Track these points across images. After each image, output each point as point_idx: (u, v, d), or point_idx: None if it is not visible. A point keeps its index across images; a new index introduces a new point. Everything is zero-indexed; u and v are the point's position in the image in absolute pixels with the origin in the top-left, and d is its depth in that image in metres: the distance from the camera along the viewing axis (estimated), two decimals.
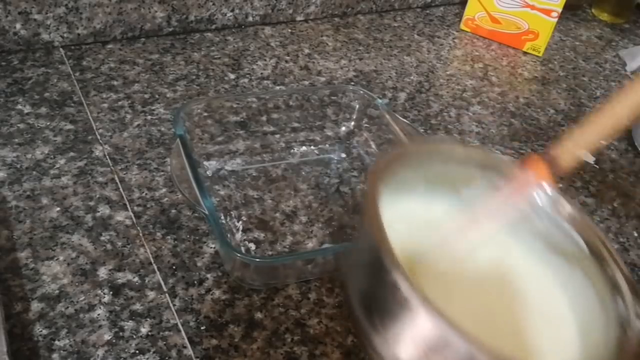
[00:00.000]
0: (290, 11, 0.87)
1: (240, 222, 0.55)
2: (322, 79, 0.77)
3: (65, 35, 0.74)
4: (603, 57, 0.94)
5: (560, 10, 0.86)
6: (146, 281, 0.49)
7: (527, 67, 0.88)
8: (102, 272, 0.49)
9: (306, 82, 0.75)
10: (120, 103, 0.67)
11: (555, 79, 0.86)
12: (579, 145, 0.37)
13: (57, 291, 0.47)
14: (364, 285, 0.32)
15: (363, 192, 0.33)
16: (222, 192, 0.58)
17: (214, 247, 0.53)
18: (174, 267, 0.51)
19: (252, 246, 0.53)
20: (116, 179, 0.58)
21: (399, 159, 0.36)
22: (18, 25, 0.70)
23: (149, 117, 0.66)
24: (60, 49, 0.74)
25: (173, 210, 0.55)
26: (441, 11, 0.99)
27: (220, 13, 0.82)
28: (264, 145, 0.63)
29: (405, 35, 0.91)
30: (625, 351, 0.27)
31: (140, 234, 0.53)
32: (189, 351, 0.45)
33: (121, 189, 0.57)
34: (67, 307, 0.46)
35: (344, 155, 0.64)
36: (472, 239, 0.34)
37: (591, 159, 0.71)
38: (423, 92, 0.78)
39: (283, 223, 0.56)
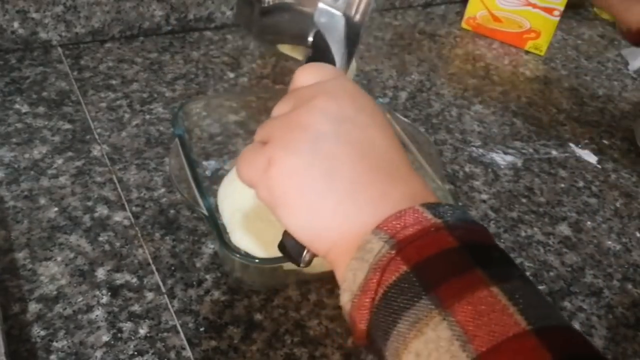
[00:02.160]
0: None
1: None
2: None
3: (63, 34, 0.73)
4: (605, 56, 0.94)
5: (562, 8, 0.86)
6: (145, 282, 0.49)
7: (528, 66, 0.88)
8: (100, 273, 0.49)
9: None
10: (118, 102, 0.67)
11: (557, 78, 0.86)
12: None
13: (55, 292, 0.47)
14: None
15: None
16: None
17: (213, 248, 0.52)
18: (172, 268, 0.50)
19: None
20: (114, 179, 0.57)
21: None
22: (16, 24, 0.70)
23: (147, 117, 0.65)
24: (58, 48, 0.74)
25: (172, 211, 0.55)
26: (442, 10, 0.98)
27: (219, 11, 0.81)
28: None
29: (406, 33, 0.90)
30: None
31: (139, 235, 0.52)
32: (187, 352, 0.44)
33: (119, 189, 0.56)
34: (65, 308, 0.46)
35: None
36: None
37: (594, 159, 0.71)
38: (424, 91, 0.78)
39: None
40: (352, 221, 0.28)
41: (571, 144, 0.73)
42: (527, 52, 0.90)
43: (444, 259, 0.25)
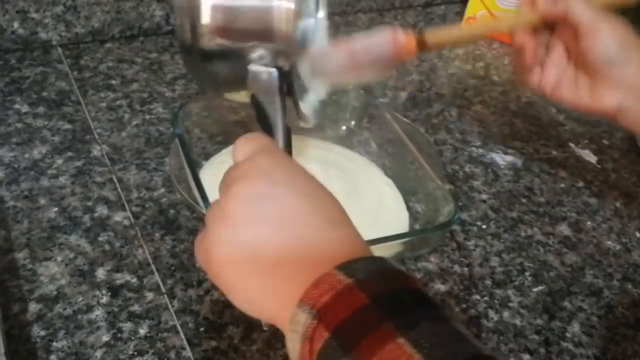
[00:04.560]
0: None
1: None
2: None
3: (63, 34, 0.73)
4: None
5: None
6: (145, 282, 0.49)
7: None
8: (100, 273, 0.49)
9: None
10: (118, 102, 0.67)
11: None
12: (444, 34, 0.48)
13: (55, 292, 0.47)
14: None
15: None
16: None
17: None
18: (172, 268, 0.50)
19: None
20: (114, 179, 0.57)
21: None
22: (16, 24, 0.70)
23: (147, 117, 0.65)
24: (58, 48, 0.74)
25: (172, 211, 0.55)
26: (442, 10, 0.98)
27: None
28: None
29: None
30: None
31: (139, 235, 0.52)
32: (187, 353, 0.44)
33: (119, 189, 0.56)
34: (65, 308, 0.46)
35: None
36: None
37: (593, 159, 0.71)
38: (424, 92, 0.78)
39: None
40: (280, 297, 0.30)
41: (571, 144, 0.73)
42: None
43: (357, 319, 0.27)
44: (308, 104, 0.48)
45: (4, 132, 0.60)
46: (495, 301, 0.53)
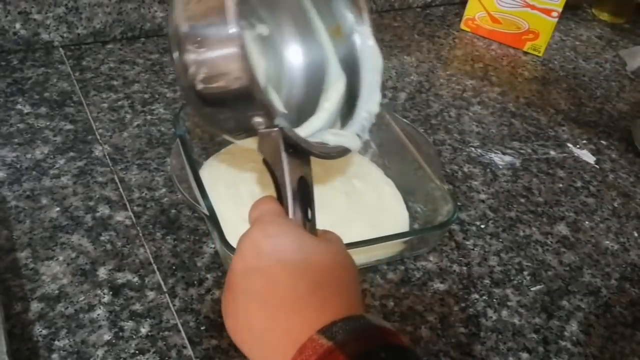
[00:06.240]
0: None
1: None
2: None
3: (65, 35, 0.74)
4: (603, 57, 0.94)
5: (560, 10, 0.86)
6: (146, 281, 0.49)
7: (527, 67, 0.88)
8: (102, 272, 0.49)
9: None
10: (120, 103, 0.67)
11: (555, 79, 0.86)
12: None
13: (56, 291, 0.47)
14: None
15: None
16: None
17: (214, 247, 0.53)
18: (173, 267, 0.51)
19: None
20: (116, 179, 0.58)
21: None
22: (18, 25, 0.70)
23: (148, 117, 0.66)
24: (60, 49, 0.74)
25: (173, 210, 0.55)
26: (441, 11, 0.99)
27: None
28: None
29: (405, 35, 0.91)
30: None
31: (140, 234, 0.53)
32: (188, 351, 0.45)
33: (121, 189, 0.57)
34: (67, 307, 0.46)
35: None
36: None
37: (592, 159, 0.72)
38: (423, 92, 0.78)
39: None
40: None
41: (569, 144, 0.74)
42: (525, 53, 0.91)
43: None
44: (354, 126, 0.45)
45: (6, 132, 0.61)
46: (494, 300, 0.53)
